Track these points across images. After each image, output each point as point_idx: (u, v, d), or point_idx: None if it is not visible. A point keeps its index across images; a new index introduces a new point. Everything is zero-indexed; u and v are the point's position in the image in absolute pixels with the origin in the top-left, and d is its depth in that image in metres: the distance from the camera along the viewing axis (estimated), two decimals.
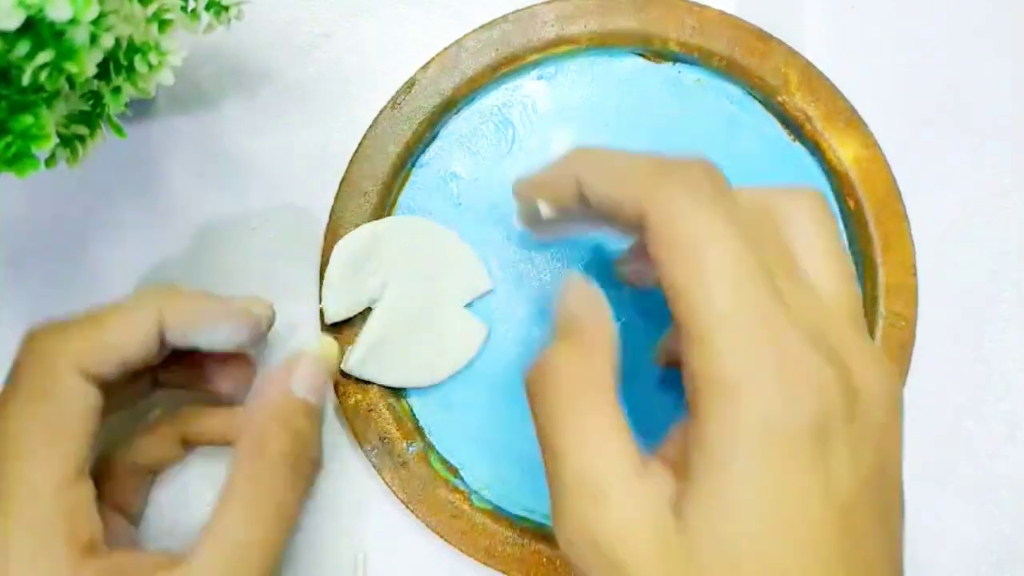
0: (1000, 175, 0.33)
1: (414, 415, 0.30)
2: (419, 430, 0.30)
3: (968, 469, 0.32)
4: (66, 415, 0.23)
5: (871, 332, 0.30)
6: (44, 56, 0.20)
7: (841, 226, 0.31)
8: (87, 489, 0.23)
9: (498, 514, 0.29)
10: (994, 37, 0.33)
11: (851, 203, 0.31)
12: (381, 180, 0.30)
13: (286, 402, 0.25)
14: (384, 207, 0.30)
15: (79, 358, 0.23)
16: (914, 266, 0.30)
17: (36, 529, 0.22)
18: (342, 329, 0.30)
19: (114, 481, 0.27)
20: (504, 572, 0.29)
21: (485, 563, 0.29)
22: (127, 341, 0.24)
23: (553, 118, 0.31)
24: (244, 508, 0.23)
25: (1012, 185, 0.33)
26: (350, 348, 0.30)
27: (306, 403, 0.25)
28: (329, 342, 0.28)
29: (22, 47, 0.20)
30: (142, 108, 0.32)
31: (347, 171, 0.30)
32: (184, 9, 0.26)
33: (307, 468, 0.25)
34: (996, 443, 0.32)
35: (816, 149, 0.31)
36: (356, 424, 0.30)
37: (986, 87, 0.33)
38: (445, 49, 0.31)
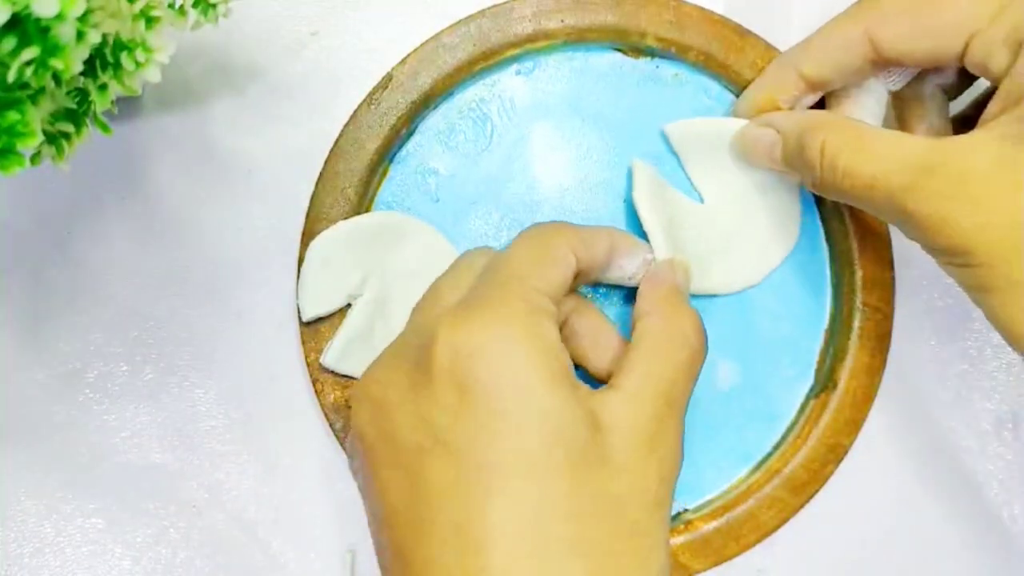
0: None
1: None
2: None
3: (955, 468, 0.32)
4: (553, 258, 0.26)
5: (848, 325, 0.32)
6: (30, 53, 0.21)
7: (819, 219, 0.33)
8: (554, 307, 0.25)
9: None
10: None
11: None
12: (359, 176, 0.32)
13: (675, 291, 0.28)
14: (362, 203, 0.32)
15: (571, 240, 0.27)
16: (891, 259, 0.32)
17: (529, 305, 0.24)
18: (321, 326, 0.31)
19: None
20: None
21: None
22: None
23: (531, 113, 0.33)
24: (662, 355, 0.25)
25: None
26: (329, 343, 0.31)
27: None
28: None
29: (8, 43, 0.21)
30: (129, 105, 0.33)
31: (324, 168, 0.32)
32: (171, 6, 0.27)
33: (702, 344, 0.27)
34: (983, 441, 0.32)
35: None
36: (335, 421, 0.31)
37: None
38: (422, 44, 0.32)
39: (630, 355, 0.25)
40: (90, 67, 0.25)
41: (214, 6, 0.27)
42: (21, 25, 0.21)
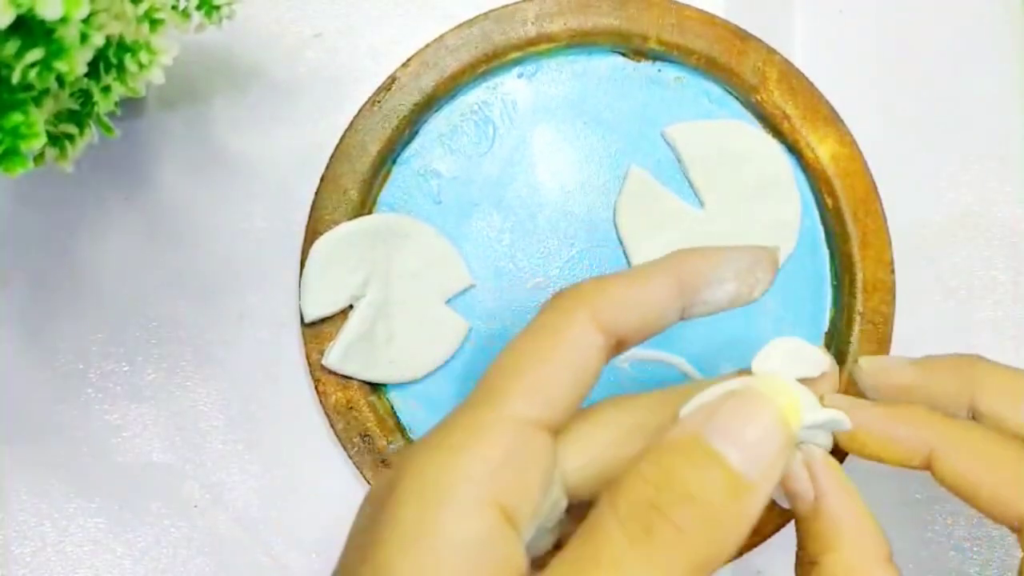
0: (986, 179, 0.34)
1: (395, 412, 0.32)
2: (400, 427, 0.32)
3: None
4: (567, 354, 0.20)
5: (849, 330, 0.32)
6: (34, 54, 0.22)
7: (819, 223, 0.33)
8: (545, 440, 0.19)
9: None
10: (981, 44, 0.35)
11: (828, 200, 0.32)
12: (361, 178, 0.32)
13: (684, 447, 0.18)
14: (365, 205, 0.32)
15: (596, 306, 0.20)
16: (891, 263, 0.32)
17: (480, 443, 0.19)
18: (323, 327, 0.31)
19: None
20: None
21: None
22: (646, 299, 0.21)
23: (533, 116, 0.33)
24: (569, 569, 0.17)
25: (997, 189, 0.34)
26: (331, 344, 0.31)
27: (722, 460, 0.17)
28: (794, 392, 0.20)
29: (12, 45, 0.21)
30: (132, 107, 0.33)
31: (327, 169, 0.32)
32: (175, 8, 0.27)
33: (676, 541, 0.17)
34: None
35: (794, 147, 0.33)
36: (337, 422, 0.31)
37: (972, 93, 0.34)
38: (426, 47, 0.32)
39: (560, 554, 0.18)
40: (94, 69, 0.25)
41: (218, 8, 0.27)
42: (26, 27, 0.21)
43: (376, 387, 0.32)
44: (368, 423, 0.31)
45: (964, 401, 0.23)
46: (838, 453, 0.23)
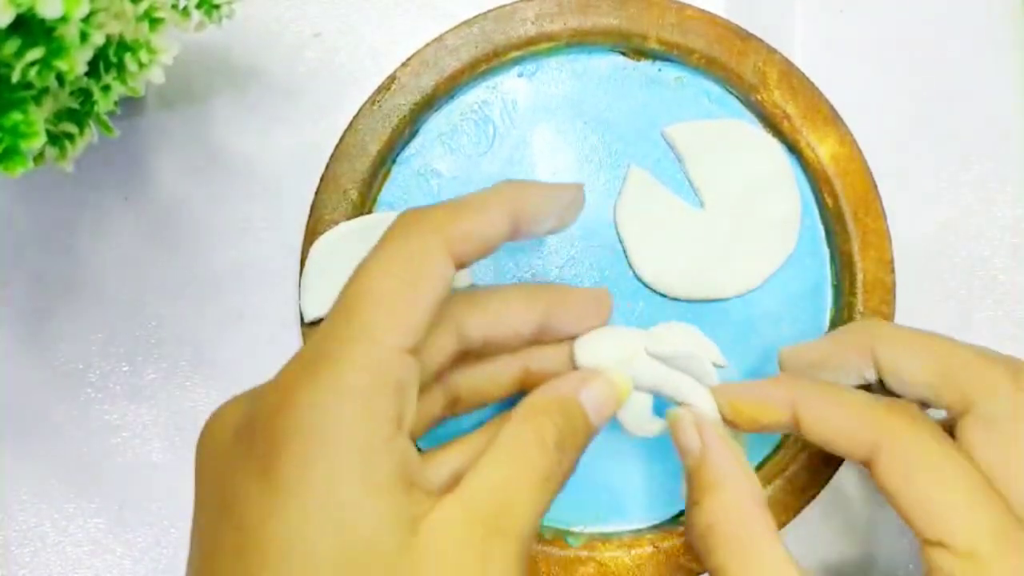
0: (986, 179, 0.34)
1: None
2: None
3: None
4: (429, 287, 0.22)
5: None
6: (34, 53, 0.22)
7: (819, 223, 0.33)
8: (415, 364, 0.22)
9: None
10: (981, 44, 0.35)
11: (829, 200, 0.32)
12: (361, 177, 0.32)
13: (568, 400, 0.25)
14: (364, 204, 0.32)
15: (449, 238, 0.23)
16: (891, 263, 0.32)
17: (372, 377, 0.21)
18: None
19: None
20: None
21: None
22: (488, 231, 0.23)
23: (533, 116, 0.33)
24: (511, 460, 0.23)
25: (998, 189, 0.34)
26: None
27: (584, 413, 0.25)
28: (626, 380, 0.27)
29: (12, 44, 0.21)
30: (132, 106, 0.33)
31: (327, 169, 0.32)
32: (175, 7, 0.27)
33: (566, 466, 0.24)
34: None
35: (794, 146, 0.33)
36: None
37: (972, 93, 0.34)
38: (425, 46, 0.32)
39: (483, 456, 0.22)
40: (94, 68, 0.25)
41: (218, 7, 0.27)
42: (26, 26, 0.21)
43: None
44: None
45: (868, 361, 0.27)
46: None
